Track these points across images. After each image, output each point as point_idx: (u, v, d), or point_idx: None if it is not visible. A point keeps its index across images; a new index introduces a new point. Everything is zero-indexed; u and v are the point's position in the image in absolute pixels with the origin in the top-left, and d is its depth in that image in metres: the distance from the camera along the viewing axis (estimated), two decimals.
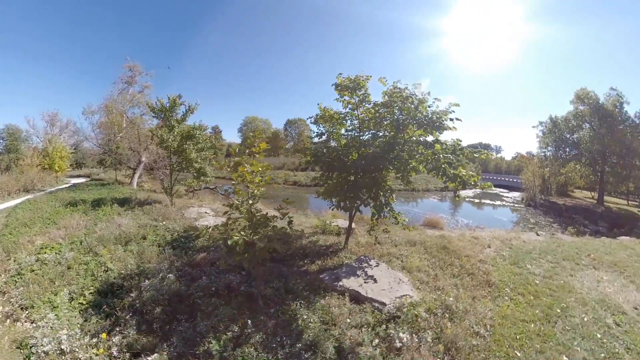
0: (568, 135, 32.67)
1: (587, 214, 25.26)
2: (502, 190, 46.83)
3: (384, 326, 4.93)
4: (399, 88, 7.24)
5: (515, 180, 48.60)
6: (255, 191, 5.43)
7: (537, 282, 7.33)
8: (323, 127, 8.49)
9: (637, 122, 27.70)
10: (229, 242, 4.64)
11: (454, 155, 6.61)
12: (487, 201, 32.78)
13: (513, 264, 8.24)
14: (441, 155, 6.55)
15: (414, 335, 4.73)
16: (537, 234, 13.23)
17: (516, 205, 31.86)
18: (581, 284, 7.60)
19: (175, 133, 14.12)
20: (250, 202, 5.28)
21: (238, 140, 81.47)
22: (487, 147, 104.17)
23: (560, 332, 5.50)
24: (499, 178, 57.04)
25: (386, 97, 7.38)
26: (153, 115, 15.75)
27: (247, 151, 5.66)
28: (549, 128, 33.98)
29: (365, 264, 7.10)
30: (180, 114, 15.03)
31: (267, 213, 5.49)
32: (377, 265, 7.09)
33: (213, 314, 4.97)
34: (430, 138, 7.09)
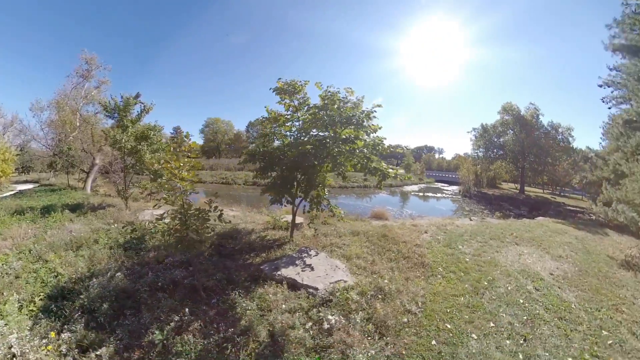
0: (496, 139, 36.99)
1: (511, 201, 27.56)
2: (443, 184, 49.69)
3: (316, 310, 4.76)
4: (331, 92, 7.12)
5: (454, 176, 52.10)
6: (179, 184, 5.15)
7: (467, 260, 7.44)
8: (268, 128, 8.31)
9: (549, 129, 32.81)
10: (152, 231, 4.60)
11: (373, 150, 6.80)
12: (430, 194, 34.26)
13: (446, 246, 8.34)
14: (357, 150, 6.65)
15: (342, 317, 4.59)
16: (470, 219, 13.77)
17: (454, 196, 33.57)
18: (505, 258, 7.88)
19: (129, 133, 12.73)
20: (177, 195, 5.07)
21: (200, 142, 76.91)
22: (431, 149, 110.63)
23: (488, 302, 5.61)
24: (440, 175, 60.52)
25: (323, 100, 7.29)
26: (106, 114, 14.06)
27: (177, 149, 5.45)
28: (480, 133, 38.00)
29: (305, 254, 6.90)
30: (135, 113, 13.57)
31: (199, 207, 5.29)
32: (316, 255, 6.91)
33: (157, 307, 4.81)
34: (365, 137, 7.13)
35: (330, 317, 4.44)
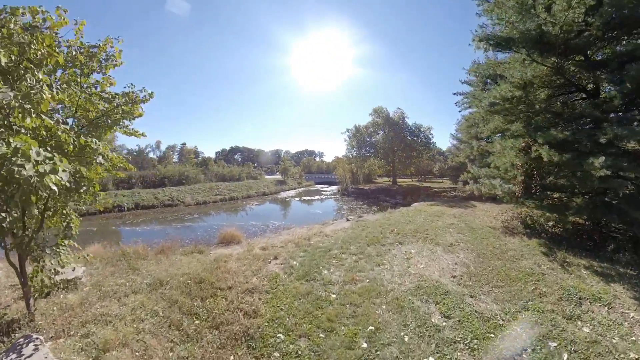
0: (368, 139, 40.71)
1: (387, 192, 29.01)
2: (323, 186, 50.46)
3: None
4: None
5: (332, 177, 53.93)
6: None
7: (334, 296, 4.53)
8: None
9: (413, 129, 39.20)
10: None
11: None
12: (308, 197, 32.99)
13: (302, 277, 5.30)
14: None
15: None
16: (347, 219, 11.92)
17: (333, 196, 33.34)
18: (391, 272, 5.49)
19: None
20: None
21: None
22: (312, 153, 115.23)
23: None
24: (320, 177, 61.68)
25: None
26: None
27: None
28: (353, 133, 41.07)
29: (14, 354, 3.09)
30: None
31: None
32: (31, 354, 3.11)
33: None
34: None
35: None
